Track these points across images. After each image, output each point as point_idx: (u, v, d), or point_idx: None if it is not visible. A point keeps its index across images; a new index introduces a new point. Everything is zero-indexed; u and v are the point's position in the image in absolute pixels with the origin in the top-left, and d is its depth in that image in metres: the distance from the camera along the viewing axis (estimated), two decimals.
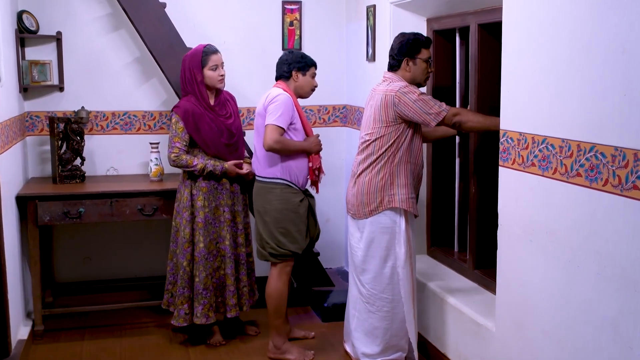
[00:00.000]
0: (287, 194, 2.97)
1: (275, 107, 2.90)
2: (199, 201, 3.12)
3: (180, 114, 3.08)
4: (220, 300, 3.23)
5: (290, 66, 3.02)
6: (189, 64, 3.11)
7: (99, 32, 3.73)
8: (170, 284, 3.25)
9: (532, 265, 2.23)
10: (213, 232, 3.16)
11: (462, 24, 3.05)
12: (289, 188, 2.98)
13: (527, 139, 2.23)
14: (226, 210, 3.18)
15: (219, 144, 3.13)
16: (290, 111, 2.92)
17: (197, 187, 3.12)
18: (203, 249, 3.13)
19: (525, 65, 2.23)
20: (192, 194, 3.13)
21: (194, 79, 3.10)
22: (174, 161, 3.09)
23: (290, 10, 3.99)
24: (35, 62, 3.61)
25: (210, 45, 3.16)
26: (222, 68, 3.16)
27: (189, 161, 3.08)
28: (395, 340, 2.89)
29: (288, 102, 2.92)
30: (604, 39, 1.84)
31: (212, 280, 3.18)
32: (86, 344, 3.30)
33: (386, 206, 2.78)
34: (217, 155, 3.14)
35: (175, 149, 3.08)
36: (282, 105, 2.90)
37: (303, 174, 3.04)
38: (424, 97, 2.70)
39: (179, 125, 3.09)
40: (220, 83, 3.15)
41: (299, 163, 3.00)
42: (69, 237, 3.85)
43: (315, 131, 4.11)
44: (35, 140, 3.73)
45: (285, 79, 3.04)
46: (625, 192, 1.78)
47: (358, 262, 2.90)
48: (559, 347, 2.10)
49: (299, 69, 3.02)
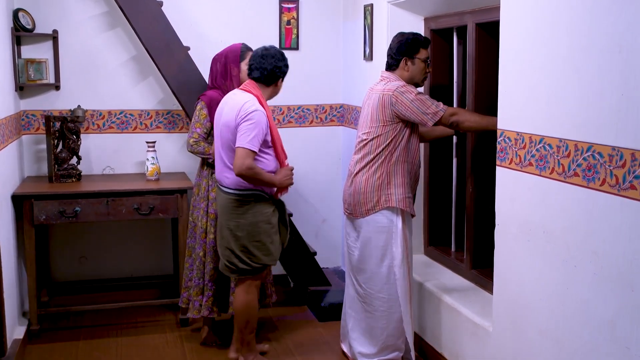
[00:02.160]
0: (259, 205, 2.81)
1: (248, 127, 2.68)
2: (213, 192, 3.14)
3: (206, 102, 3.12)
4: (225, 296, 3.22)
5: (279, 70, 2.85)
6: (225, 59, 3.15)
7: (96, 31, 3.72)
8: (189, 280, 3.24)
9: (529, 265, 2.24)
10: None
11: (460, 23, 3.05)
12: (262, 198, 2.82)
13: (524, 138, 2.23)
14: None
15: None
16: (265, 129, 2.74)
17: (212, 179, 3.14)
18: (212, 240, 3.14)
19: (523, 65, 2.23)
20: (209, 184, 3.15)
21: (228, 73, 3.13)
22: (192, 146, 3.10)
23: (287, 9, 3.99)
24: (31, 60, 3.59)
25: (246, 44, 3.19)
26: None
27: (206, 149, 3.11)
28: (392, 340, 2.89)
29: (263, 120, 2.72)
30: (601, 39, 1.84)
31: (218, 274, 3.18)
32: (82, 343, 3.29)
33: (383, 205, 2.78)
34: None
35: (195, 134, 3.12)
36: (257, 126, 2.68)
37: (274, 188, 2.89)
38: (421, 96, 2.70)
39: (202, 112, 3.12)
40: None
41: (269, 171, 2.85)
42: (66, 236, 3.83)
43: (312, 131, 4.16)
44: (31, 139, 3.71)
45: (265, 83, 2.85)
46: (622, 192, 1.78)
47: (355, 262, 2.90)
48: (556, 347, 2.10)
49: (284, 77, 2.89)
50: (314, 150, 4.15)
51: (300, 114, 4.12)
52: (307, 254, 3.79)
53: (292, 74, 4.04)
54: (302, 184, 4.15)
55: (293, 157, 4.09)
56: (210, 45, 3.67)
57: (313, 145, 4.14)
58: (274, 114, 4.03)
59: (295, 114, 4.11)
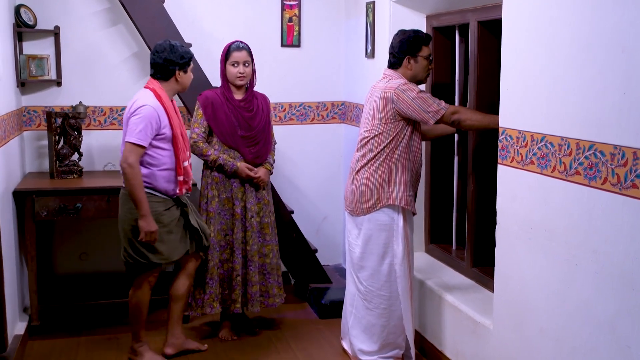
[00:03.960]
0: (150, 203, 2.76)
1: (136, 122, 2.69)
2: (211, 190, 3.17)
3: (201, 102, 3.16)
4: (227, 294, 3.23)
5: (172, 63, 2.80)
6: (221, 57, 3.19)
7: (97, 27, 3.72)
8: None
9: (530, 264, 2.24)
10: (222, 222, 3.18)
11: (462, 21, 3.05)
12: (153, 197, 2.78)
13: (526, 136, 2.23)
14: (237, 204, 3.18)
15: (235, 135, 3.15)
16: (156, 123, 2.72)
17: (211, 177, 3.18)
18: (212, 238, 3.15)
19: (525, 63, 2.23)
20: (208, 183, 3.18)
21: (221, 71, 3.18)
22: (191, 146, 3.11)
23: (289, 6, 3.99)
24: (33, 56, 3.60)
25: (237, 42, 3.18)
26: (244, 66, 3.14)
27: (204, 150, 3.12)
28: (393, 337, 2.90)
29: (151, 114, 2.70)
30: (603, 38, 1.84)
31: (219, 271, 3.19)
32: (83, 339, 3.30)
33: (384, 203, 2.78)
34: (233, 147, 3.16)
35: (194, 135, 3.14)
36: (144, 120, 2.68)
37: (172, 185, 2.85)
38: (422, 94, 2.70)
39: (198, 112, 3.15)
40: (238, 80, 3.14)
41: (166, 174, 2.82)
42: (68, 232, 3.84)
43: (314, 128, 4.16)
44: (32, 135, 3.72)
45: (162, 79, 2.83)
46: (624, 191, 1.78)
47: (356, 259, 2.90)
48: (557, 346, 2.10)
49: (181, 68, 2.83)
50: (315, 148, 4.15)
51: (301, 112, 4.12)
52: (308, 251, 3.80)
53: (294, 71, 4.08)
54: (303, 182, 4.16)
55: (294, 155, 4.12)
56: (212, 42, 3.68)
57: (314, 142, 4.15)
58: (275, 111, 4.04)
59: (296, 112, 4.11)
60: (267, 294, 3.30)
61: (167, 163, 2.81)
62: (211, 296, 3.17)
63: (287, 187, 4.06)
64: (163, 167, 2.80)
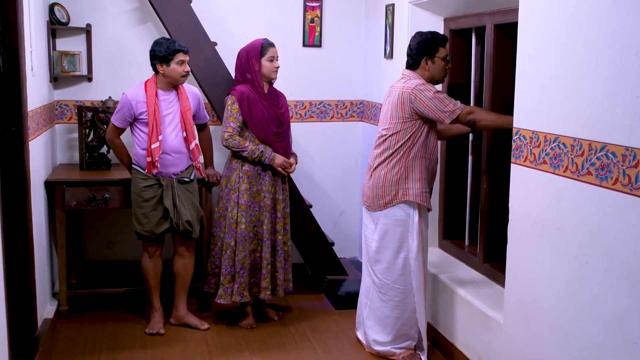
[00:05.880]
0: (135, 178, 3.20)
1: (117, 107, 3.19)
2: (243, 184, 3.26)
3: (237, 96, 3.23)
4: (254, 282, 3.34)
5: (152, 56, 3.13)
6: (247, 54, 3.27)
7: (127, 25, 3.81)
8: (216, 268, 3.36)
9: (540, 261, 2.26)
10: (252, 215, 3.28)
11: (479, 24, 3.08)
12: (138, 173, 3.19)
13: (539, 137, 2.26)
14: (267, 196, 3.29)
15: (268, 130, 3.25)
16: (126, 109, 3.12)
17: (242, 171, 3.26)
18: (243, 230, 3.25)
19: (539, 65, 2.25)
20: (239, 176, 3.26)
21: (251, 67, 3.25)
22: (227, 140, 3.21)
23: (311, 8, 4.06)
24: (65, 52, 3.71)
25: (268, 39, 3.31)
26: (277, 61, 3.29)
27: (241, 142, 3.21)
28: (406, 329, 2.96)
29: (123, 101, 3.12)
30: (617, 41, 1.85)
31: (249, 261, 3.29)
32: (108, 325, 3.41)
33: (400, 199, 2.85)
34: (265, 142, 3.27)
35: (230, 129, 3.22)
36: (120, 105, 3.15)
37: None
38: (439, 95, 2.76)
39: (234, 107, 3.23)
40: (274, 73, 3.28)
41: (144, 153, 3.16)
42: (96, 221, 3.95)
43: (333, 126, 4.22)
44: (63, 128, 3.83)
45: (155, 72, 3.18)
46: (634, 191, 1.80)
47: (372, 253, 2.97)
48: (565, 342, 2.13)
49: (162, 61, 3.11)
50: (334, 145, 4.21)
51: (321, 109, 4.20)
52: (325, 244, 3.85)
53: (315, 70, 4.14)
54: (322, 177, 4.22)
55: (314, 151, 4.20)
56: (236, 41, 3.74)
57: (333, 139, 4.21)
58: (296, 108, 4.12)
59: (316, 109, 4.19)
60: (287, 280, 3.42)
61: (143, 143, 3.16)
62: (241, 285, 3.27)
63: (306, 182, 4.13)
64: (142, 147, 3.16)
